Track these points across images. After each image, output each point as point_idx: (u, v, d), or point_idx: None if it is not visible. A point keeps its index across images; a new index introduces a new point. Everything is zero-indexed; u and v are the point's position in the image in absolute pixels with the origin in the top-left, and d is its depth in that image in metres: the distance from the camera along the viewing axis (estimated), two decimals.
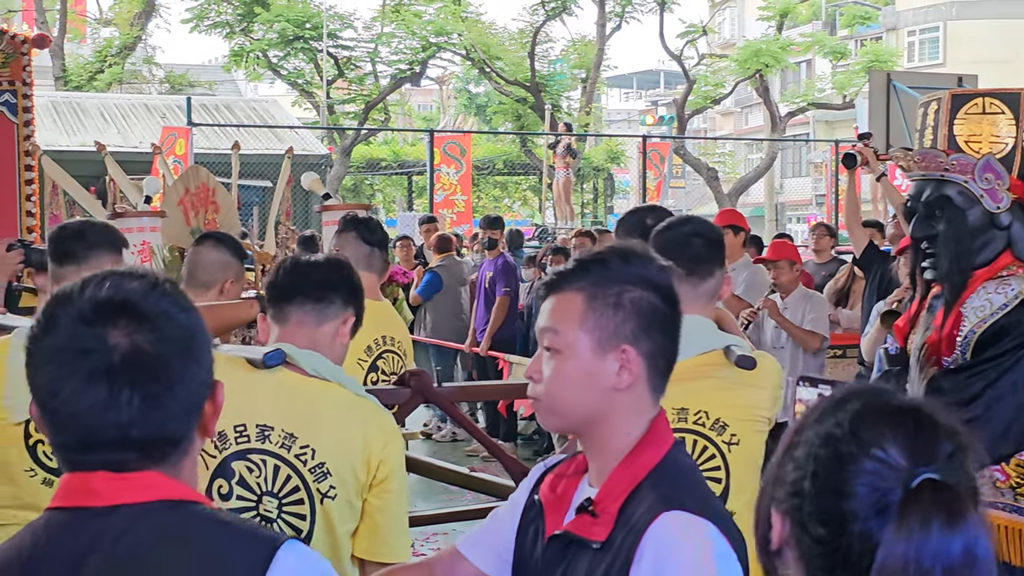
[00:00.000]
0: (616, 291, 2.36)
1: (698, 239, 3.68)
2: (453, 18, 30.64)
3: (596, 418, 2.37)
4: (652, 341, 2.34)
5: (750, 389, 3.71)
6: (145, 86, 34.55)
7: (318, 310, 3.26)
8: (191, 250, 5.10)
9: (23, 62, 11.83)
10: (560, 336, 2.37)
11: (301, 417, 3.18)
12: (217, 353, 3.23)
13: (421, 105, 61.33)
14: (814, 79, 39.75)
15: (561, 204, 23.06)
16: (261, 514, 3.18)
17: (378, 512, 3.20)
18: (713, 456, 3.68)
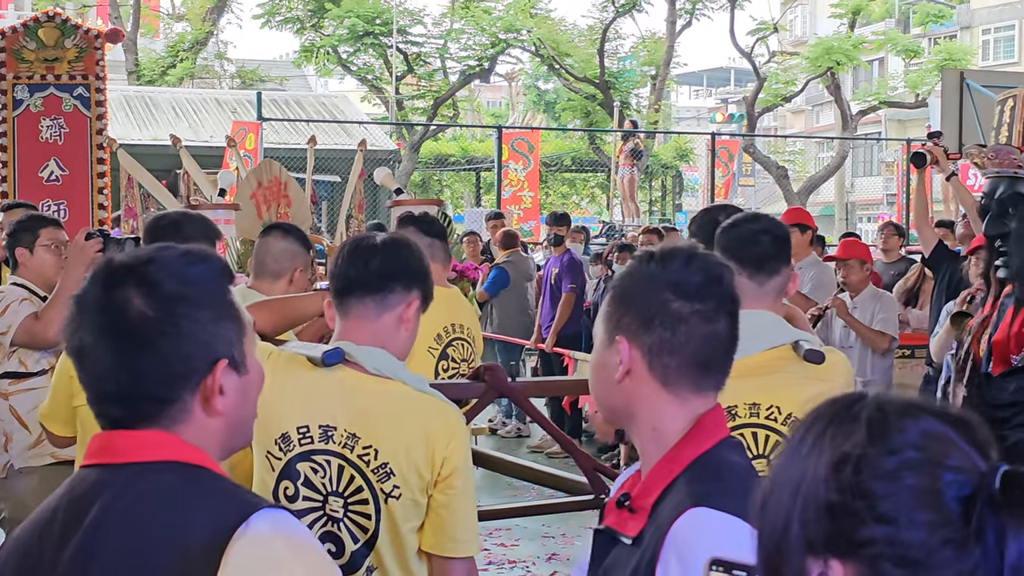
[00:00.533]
0: (623, 285, 2.43)
1: (765, 236, 3.66)
2: (523, 14, 30.63)
3: (620, 411, 2.43)
4: (654, 335, 2.35)
5: (820, 384, 3.65)
6: (216, 81, 34.80)
7: (378, 300, 3.18)
8: (258, 241, 5.14)
9: (96, 56, 11.96)
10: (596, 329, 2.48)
11: (363, 417, 3.15)
12: (280, 351, 3.26)
13: (490, 102, 61.40)
14: (886, 77, 39.39)
15: (627, 202, 23.03)
16: (328, 514, 3.17)
17: (443, 508, 3.17)
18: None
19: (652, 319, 2.36)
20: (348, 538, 3.17)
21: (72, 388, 4.34)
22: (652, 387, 2.37)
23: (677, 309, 2.35)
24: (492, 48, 31.36)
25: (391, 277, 3.19)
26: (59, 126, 11.63)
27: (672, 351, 2.35)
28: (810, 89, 37.28)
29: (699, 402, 2.39)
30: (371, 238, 3.25)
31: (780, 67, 34.88)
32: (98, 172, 11.76)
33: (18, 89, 11.61)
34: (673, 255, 2.43)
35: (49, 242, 5.99)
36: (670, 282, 2.38)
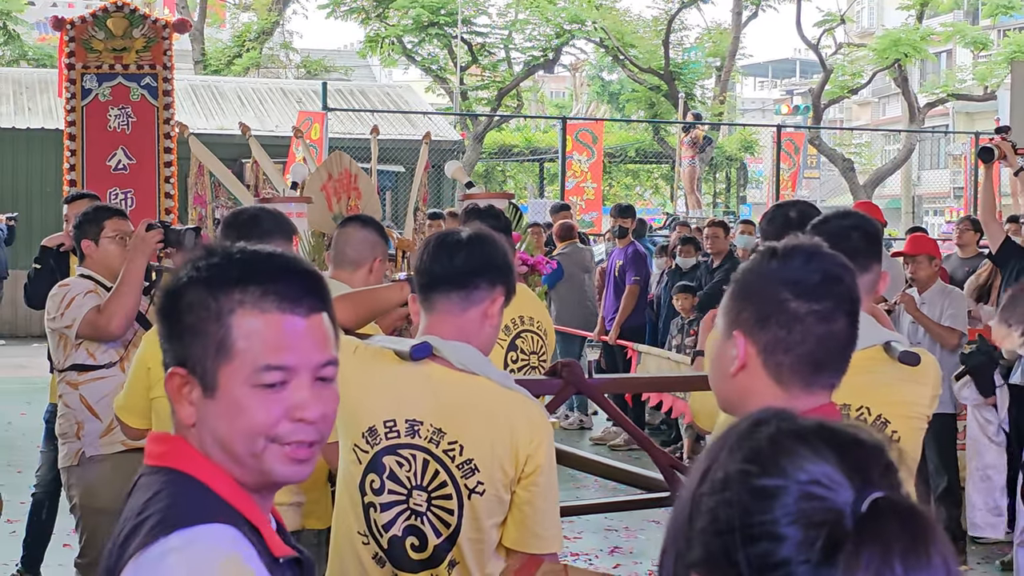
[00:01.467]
0: (743, 280, 2.48)
1: (856, 232, 3.63)
2: (588, 5, 30.56)
3: (733, 403, 2.50)
4: (770, 332, 2.40)
5: (912, 386, 3.67)
6: (281, 71, 34.99)
7: (463, 296, 3.17)
8: (337, 232, 5.17)
9: (164, 46, 12.05)
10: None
11: (449, 412, 3.15)
12: (366, 345, 3.26)
13: (553, 92, 61.37)
14: (954, 69, 39.02)
15: (689, 194, 22.96)
16: (412, 508, 3.18)
17: (526, 504, 3.17)
18: None
19: (769, 317, 2.41)
20: (431, 532, 3.18)
21: (150, 380, 4.38)
22: (765, 383, 2.43)
23: (794, 308, 2.40)
24: (557, 39, 31.32)
25: (476, 273, 3.17)
26: (127, 115, 11.73)
27: (787, 349, 2.41)
28: (876, 81, 37.01)
29: (807, 400, 2.42)
30: (456, 233, 3.23)
31: (847, 59, 34.63)
32: (165, 161, 11.85)
33: (87, 79, 11.70)
34: (794, 253, 2.46)
35: (114, 233, 6.01)
36: (789, 280, 2.42)
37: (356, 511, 3.25)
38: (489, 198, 6.64)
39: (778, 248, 2.49)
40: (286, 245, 4.42)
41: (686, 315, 11.87)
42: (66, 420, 5.87)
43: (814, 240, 2.63)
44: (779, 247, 2.49)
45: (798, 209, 4.34)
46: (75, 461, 5.82)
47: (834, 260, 2.49)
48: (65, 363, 5.84)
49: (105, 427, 5.73)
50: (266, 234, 4.32)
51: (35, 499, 7.27)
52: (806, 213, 4.04)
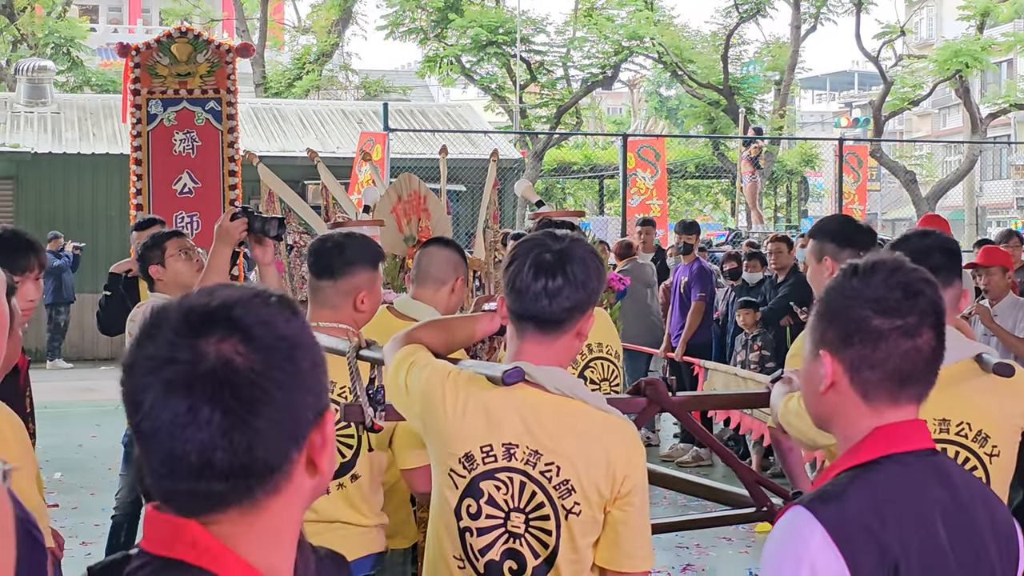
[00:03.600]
0: (827, 300, 2.52)
1: (938, 250, 3.73)
2: (646, 22, 30.52)
3: (825, 420, 2.55)
4: (854, 350, 2.44)
5: (1009, 398, 3.74)
6: (341, 92, 35.18)
7: (558, 331, 3.19)
8: (420, 251, 5.22)
9: (227, 71, 12.18)
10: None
11: (545, 434, 3.16)
12: (460, 371, 3.27)
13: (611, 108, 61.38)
14: (1016, 79, 38.70)
15: (751, 208, 22.92)
16: (509, 531, 3.18)
17: (621, 524, 3.18)
18: (975, 468, 3.69)
19: (853, 335, 2.46)
20: (529, 554, 3.18)
21: None
22: (853, 400, 2.47)
23: (877, 326, 2.44)
24: (615, 56, 31.30)
25: (572, 311, 3.18)
26: (192, 139, 11.85)
27: (873, 366, 2.44)
28: (937, 92, 36.73)
29: (893, 414, 2.46)
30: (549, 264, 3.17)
31: (906, 70, 34.41)
32: (230, 184, 11.96)
33: (152, 104, 11.84)
34: (875, 269, 2.50)
35: (177, 251, 6.06)
36: (871, 298, 2.46)
37: (451, 536, 3.25)
38: (560, 216, 6.64)
39: (859, 265, 2.52)
40: (371, 274, 4.44)
41: (749, 330, 11.83)
42: None
43: (895, 255, 2.64)
44: (860, 264, 2.52)
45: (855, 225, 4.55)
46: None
47: (916, 274, 2.51)
48: None
49: None
50: (349, 263, 4.38)
51: (115, 521, 7.32)
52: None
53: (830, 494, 2.38)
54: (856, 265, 2.54)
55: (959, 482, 2.51)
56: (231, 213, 5.41)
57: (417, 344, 3.49)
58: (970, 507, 2.47)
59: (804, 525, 2.33)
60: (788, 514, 2.38)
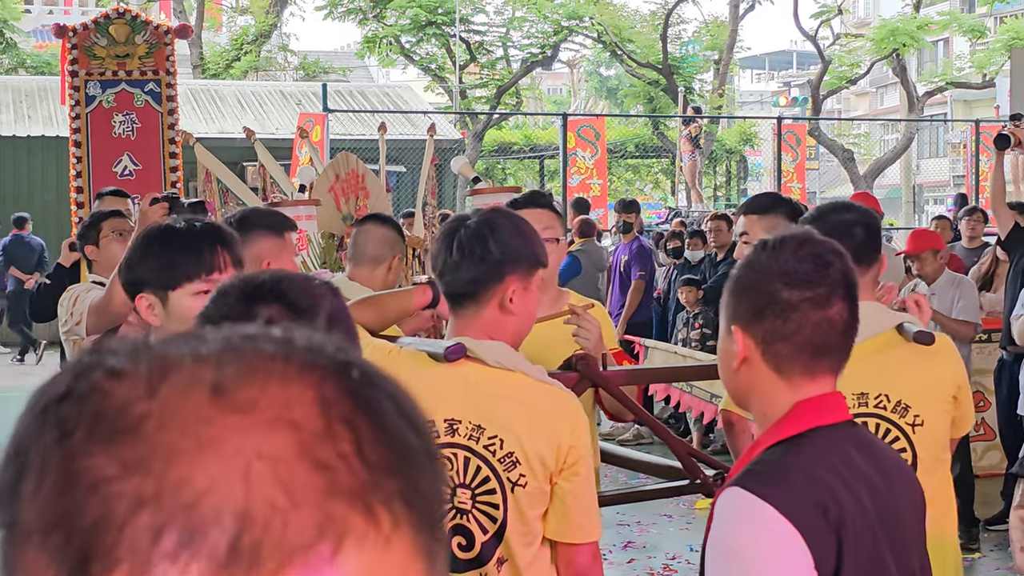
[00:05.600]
0: (738, 275, 2.57)
1: (859, 227, 3.74)
2: (585, 1, 30.56)
3: (741, 396, 2.60)
4: (765, 324, 2.47)
5: (930, 366, 3.76)
6: (280, 73, 35.00)
7: (470, 302, 3.23)
8: (356, 230, 5.18)
9: (166, 52, 12.10)
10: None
11: (487, 408, 3.17)
12: (399, 349, 3.29)
13: (551, 88, 61.39)
14: (952, 58, 39.02)
15: (690, 187, 23.02)
16: (456, 507, 3.20)
17: (568, 495, 3.19)
18: (897, 439, 3.71)
19: (763, 308, 2.49)
20: (477, 529, 3.20)
21: None
22: (767, 375, 2.50)
23: (787, 298, 2.47)
24: (555, 35, 31.32)
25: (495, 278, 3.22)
26: (131, 121, 11.77)
27: (784, 338, 2.47)
28: (874, 71, 36.98)
29: (810, 387, 2.49)
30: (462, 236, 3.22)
31: (844, 49, 34.62)
32: (170, 166, 11.89)
33: (90, 85, 11.74)
34: (784, 244, 2.53)
35: (112, 232, 5.97)
36: (779, 271, 2.49)
37: None
38: (496, 193, 6.65)
39: (768, 240, 2.57)
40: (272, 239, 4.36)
41: (691, 308, 11.90)
42: None
43: (804, 229, 2.73)
44: (769, 239, 2.57)
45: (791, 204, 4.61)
46: None
47: (825, 246, 2.55)
48: None
49: None
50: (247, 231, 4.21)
51: None
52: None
53: (767, 472, 2.41)
54: (766, 240, 2.58)
55: (878, 451, 2.58)
56: (150, 198, 5.35)
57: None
58: (889, 475, 2.53)
59: (755, 508, 2.33)
60: (729, 497, 2.39)
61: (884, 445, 2.76)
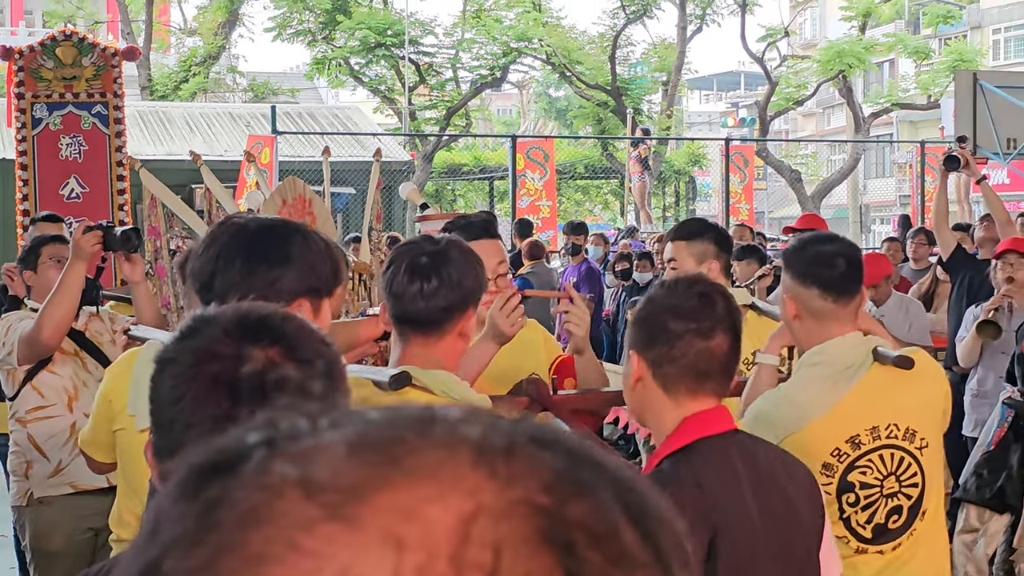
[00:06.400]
0: (639, 307, 3.01)
1: (841, 258, 3.81)
2: (534, 23, 30.65)
3: (638, 412, 3.03)
4: (656, 350, 2.89)
5: (923, 387, 3.87)
6: (229, 95, 34.89)
7: (439, 331, 3.24)
8: None
9: (114, 74, 12.02)
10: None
11: None
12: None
13: (501, 109, 61.47)
14: (897, 79, 39.38)
15: (639, 208, 23.12)
16: None
17: None
18: (910, 465, 3.82)
19: (656, 336, 2.90)
20: None
21: (112, 413, 4.26)
22: (657, 393, 2.91)
23: (673, 328, 2.88)
24: (504, 57, 31.37)
25: (447, 310, 3.23)
26: (78, 144, 11.68)
27: (671, 362, 2.88)
28: (821, 92, 37.27)
29: (693, 405, 2.89)
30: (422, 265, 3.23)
31: (791, 71, 34.90)
32: (118, 189, 11.81)
33: (37, 108, 11.66)
34: (677, 283, 3.01)
35: (51, 257, 5.84)
36: (670, 306, 2.92)
37: None
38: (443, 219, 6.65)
39: (665, 281, 3.09)
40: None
41: None
42: (16, 458, 5.72)
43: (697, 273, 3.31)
44: (666, 280, 3.09)
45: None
46: (24, 502, 5.68)
47: (712, 287, 2.98)
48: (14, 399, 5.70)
49: (53, 468, 5.62)
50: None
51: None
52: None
53: (656, 481, 2.71)
54: (664, 280, 3.09)
55: (758, 452, 2.98)
56: (83, 227, 5.28)
57: None
58: (771, 471, 2.94)
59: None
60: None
61: (766, 444, 3.10)
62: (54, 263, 5.77)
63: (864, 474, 3.78)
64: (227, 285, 2.68)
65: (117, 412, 4.16)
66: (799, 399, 3.77)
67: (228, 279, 2.70)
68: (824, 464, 3.75)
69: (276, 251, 2.76)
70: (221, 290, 2.67)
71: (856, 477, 3.77)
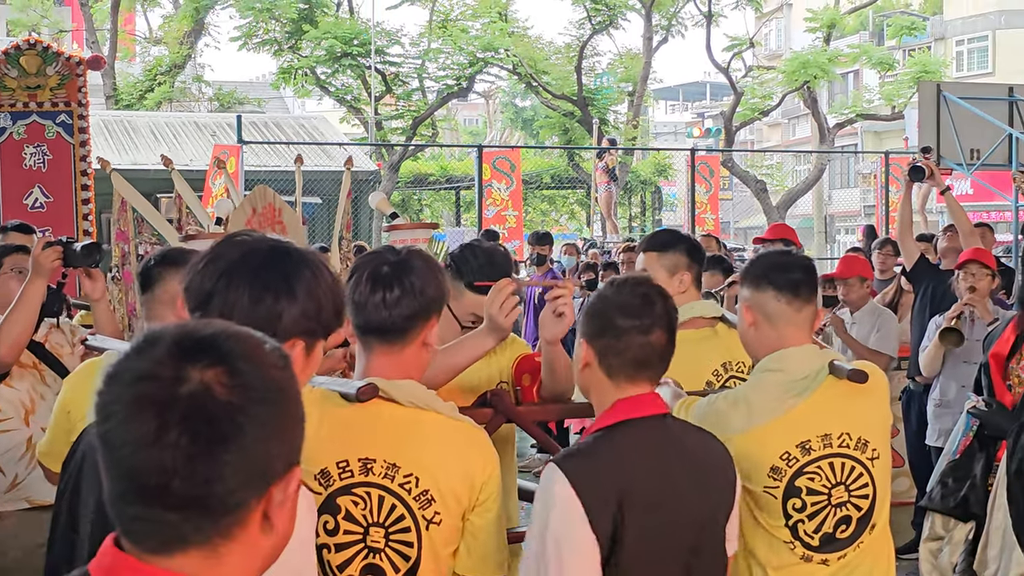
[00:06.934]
0: (591, 301, 3.39)
1: (797, 265, 3.99)
2: (500, 33, 30.67)
3: (584, 392, 3.44)
4: (603, 341, 3.30)
5: (874, 400, 3.95)
6: (194, 104, 34.80)
7: (402, 341, 3.24)
8: None
9: (78, 83, 11.97)
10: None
11: (401, 447, 3.18)
12: (312, 388, 3.26)
13: (467, 119, 61.52)
14: (862, 90, 39.60)
15: (606, 218, 23.16)
16: (369, 546, 3.18)
17: (480, 531, 3.22)
18: (861, 475, 3.89)
19: (604, 329, 3.31)
20: (389, 567, 3.19)
21: (70, 423, 4.20)
22: (601, 378, 3.32)
23: (619, 324, 3.29)
24: (470, 67, 31.37)
25: (411, 318, 3.24)
26: (43, 153, 11.64)
27: (616, 353, 3.29)
28: (786, 102, 37.47)
29: (633, 389, 3.30)
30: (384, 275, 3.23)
31: (756, 81, 35.04)
32: (82, 199, 11.76)
33: (1, 117, 11.61)
34: (624, 283, 3.39)
35: (12, 268, 5.74)
36: (617, 304, 3.32)
37: None
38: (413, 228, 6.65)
39: (615, 280, 3.43)
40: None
41: None
42: None
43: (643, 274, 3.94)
44: (616, 279, 3.44)
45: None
46: None
47: (654, 288, 3.38)
48: None
49: (9, 483, 5.54)
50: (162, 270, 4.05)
51: None
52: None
53: (576, 451, 3.25)
54: (614, 279, 3.44)
55: (684, 434, 3.40)
56: (43, 242, 5.21)
57: None
58: (692, 450, 3.34)
59: (551, 476, 3.14)
60: (545, 470, 3.19)
61: (689, 426, 3.52)
62: (15, 274, 5.67)
63: (812, 480, 3.83)
64: (228, 308, 2.56)
65: (76, 422, 4.13)
66: (754, 400, 3.84)
67: (229, 302, 2.58)
68: (772, 467, 3.82)
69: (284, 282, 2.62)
70: (217, 313, 2.55)
71: (804, 483, 3.83)
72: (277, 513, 1.67)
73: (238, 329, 1.71)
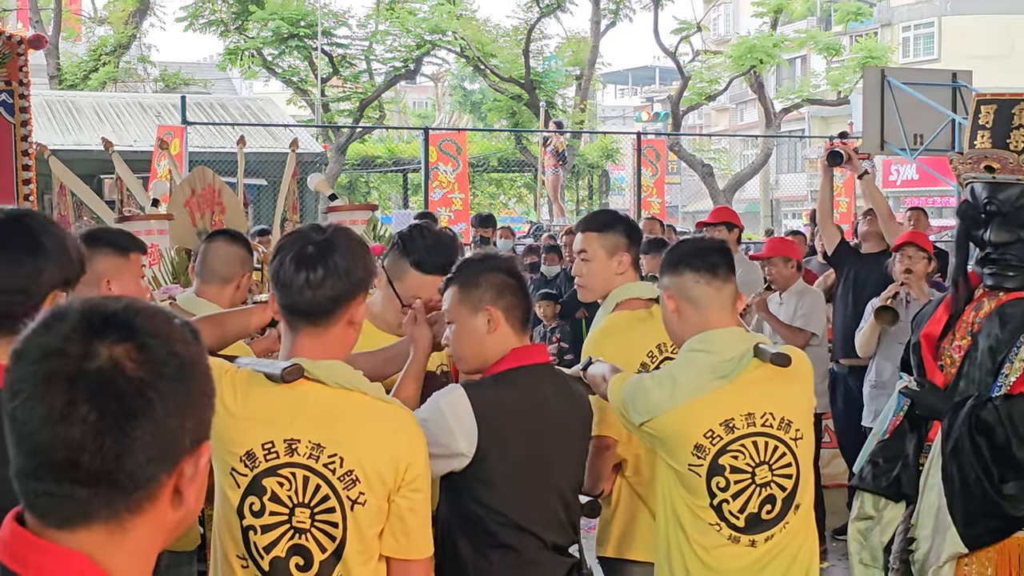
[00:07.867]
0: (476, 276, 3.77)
1: (711, 247, 4.12)
2: (448, 16, 30.60)
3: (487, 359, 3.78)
4: (507, 299, 3.75)
5: (798, 383, 4.03)
6: (140, 85, 34.53)
7: (327, 321, 3.24)
8: (204, 247, 5.11)
9: (19, 62, 11.86)
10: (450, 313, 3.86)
11: (326, 427, 3.17)
12: (236, 369, 3.26)
13: (416, 102, 61.38)
14: (809, 75, 39.80)
15: (552, 201, 23.19)
16: (294, 526, 3.18)
17: (407, 512, 3.22)
18: (784, 455, 3.96)
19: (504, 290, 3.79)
20: (316, 548, 3.18)
21: None
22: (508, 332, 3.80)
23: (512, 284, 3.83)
24: (418, 49, 31.30)
25: (336, 300, 3.23)
26: None
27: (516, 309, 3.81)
28: (734, 87, 37.60)
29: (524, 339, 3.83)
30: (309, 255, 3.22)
31: (704, 66, 35.12)
32: (23, 179, 11.66)
33: None
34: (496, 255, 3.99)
35: None
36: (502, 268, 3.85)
37: (234, 535, 3.23)
38: (352, 210, 6.67)
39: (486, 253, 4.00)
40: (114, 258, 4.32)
41: (548, 322, 11.95)
42: None
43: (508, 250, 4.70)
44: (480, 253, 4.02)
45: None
46: None
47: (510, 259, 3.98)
48: None
49: None
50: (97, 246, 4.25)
51: None
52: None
53: (481, 384, 3.71)
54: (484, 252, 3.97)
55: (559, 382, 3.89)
56: None
57: None
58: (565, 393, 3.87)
59: (460, 397, 3.59)
60: (455, 390, 3.63)
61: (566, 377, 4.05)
62: None
63: (736, 458, 3.89)
64: None
65: None
66: (679, 379, 3.90)
67: None
68: (696, 445, 3.87)
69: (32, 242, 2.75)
70: None
71: (727, 460, 3.88)
72: (188, 487, 1.67)
73: (147, 304, 1.70)
